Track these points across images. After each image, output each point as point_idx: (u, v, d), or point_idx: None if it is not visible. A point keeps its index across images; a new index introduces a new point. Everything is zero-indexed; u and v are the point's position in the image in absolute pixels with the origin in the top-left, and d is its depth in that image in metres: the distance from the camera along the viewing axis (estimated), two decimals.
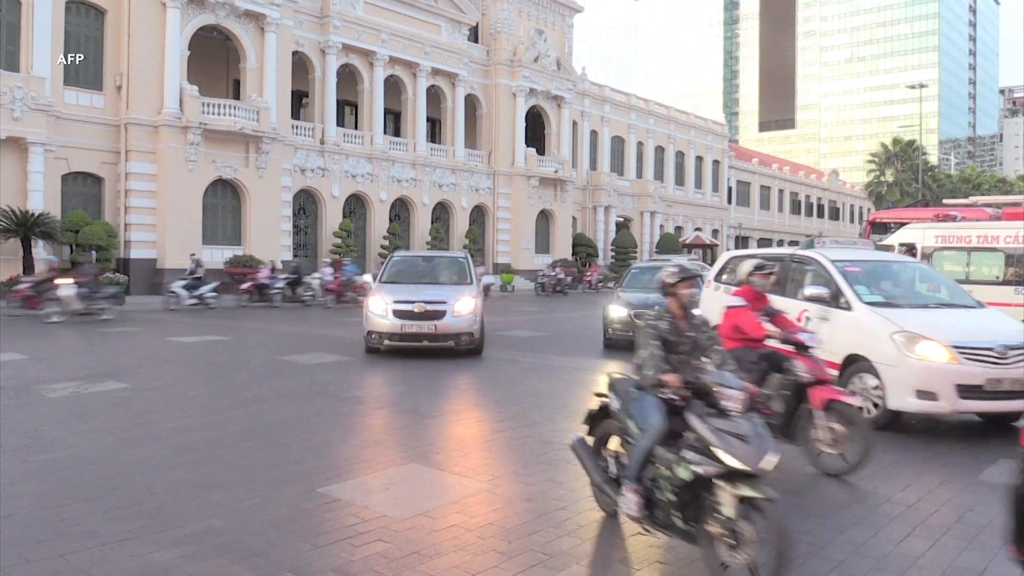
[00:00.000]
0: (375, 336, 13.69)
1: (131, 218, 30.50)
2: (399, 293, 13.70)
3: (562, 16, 50.36)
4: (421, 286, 14.32)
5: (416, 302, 13.37)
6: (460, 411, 9.10)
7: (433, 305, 13.40)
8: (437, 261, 16.33)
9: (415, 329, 13.35)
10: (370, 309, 13.69)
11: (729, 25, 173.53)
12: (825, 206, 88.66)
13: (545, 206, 48.41)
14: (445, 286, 14.56)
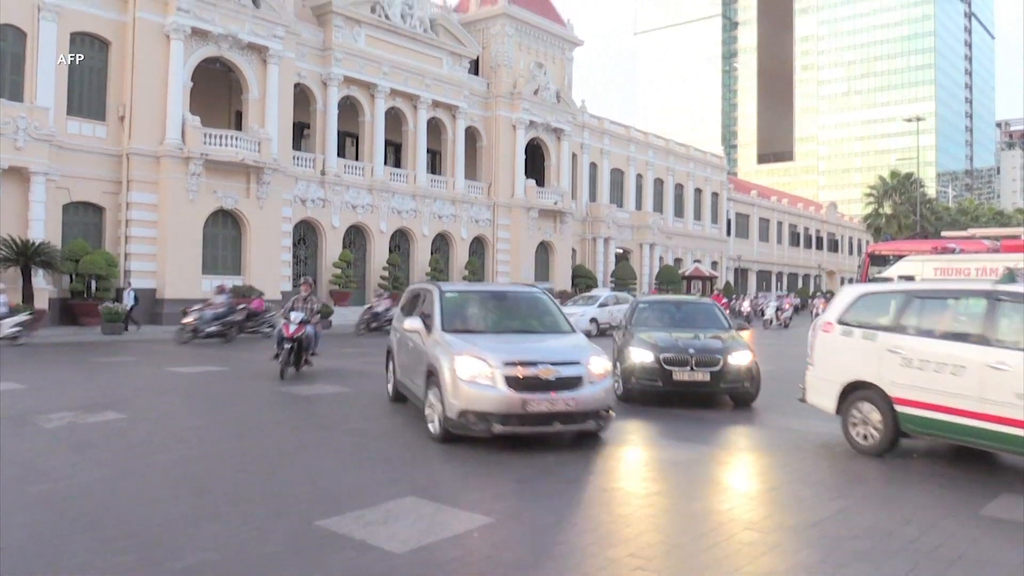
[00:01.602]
0: (473, 417, 8.56)
1: (131, 248, 30.56)
2: (497, 347, 9.02)
3: (562, 50, 50.84)
4: (511, 336, 9.83)
5: (541, 363, 8.72)
6: (458, 441, 9.04)
7: (564, 367, 8.81)
8: (513, 299, 11.39)
9: (546, 406, 8.55)
10: (458, 375, 8.69)
11: (727, 59, 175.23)
12: (824, 238, 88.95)
13: (545, 237, 48.53)
14: (544, 336, 10.13)
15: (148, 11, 30.72)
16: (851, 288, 9.93)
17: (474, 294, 11.51)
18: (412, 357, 10.55)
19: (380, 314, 29.06)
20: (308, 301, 15.25)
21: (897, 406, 8.47)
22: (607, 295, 35.56)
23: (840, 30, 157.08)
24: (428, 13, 42.54)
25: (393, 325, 12.66)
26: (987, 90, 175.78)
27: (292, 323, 14.73)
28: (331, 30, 37.94)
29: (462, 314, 10.31)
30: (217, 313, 23.92)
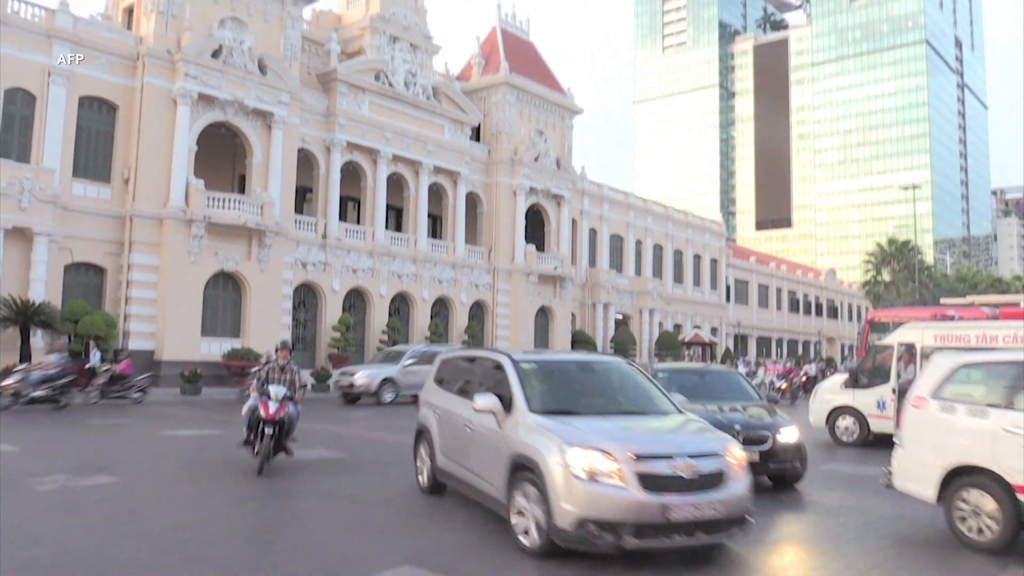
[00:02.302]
0: (596, 528, 6.67)
1: (131, 309, 30.57)
2: (613, 434, 7.21)
3: (562, 118, 51.66)
4: (617, 419, 7.89)
5: (677, 456, 6.95)
6: (454, 509, 8.89)
7: (704, 460, 7.03)
8: (602, 371, 9.29)
9: (690, 512, 6.76)
10: (573, 472, 6.75)
11: (725, 127, 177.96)
12: (824, 305, 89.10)
13: (544, 303, 48.60)
14: (654, 418, 8.23)
15: (157, 77, 31.32)
16: (946, 358, 8.78)
17: (555, 365, 9.29)
18: (475, 443, 8.45)
19: None
20: (287, 371, 11.87)
21: (1020, 495, 7.41)
22: (416, 349, 28.72)
23: (835, 100, 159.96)
24: (431, 81, 43.36)
25: (424, 399, 10.47)
26: (982, 159, 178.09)
27: (272, 400, 11.36)
28: (335, 97, 38.62)
29: (548, 391, 8.32)
30: (47, 375, 20.42)
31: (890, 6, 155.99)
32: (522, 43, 51.55)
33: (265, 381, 11.69)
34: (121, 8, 33.99)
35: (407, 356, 27.34)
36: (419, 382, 23.49)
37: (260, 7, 34.79)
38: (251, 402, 11.67)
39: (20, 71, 28.51)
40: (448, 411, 9.39)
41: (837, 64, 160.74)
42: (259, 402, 11.39)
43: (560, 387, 8.60)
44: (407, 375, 26.53)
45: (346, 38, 41.35)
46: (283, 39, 35.62)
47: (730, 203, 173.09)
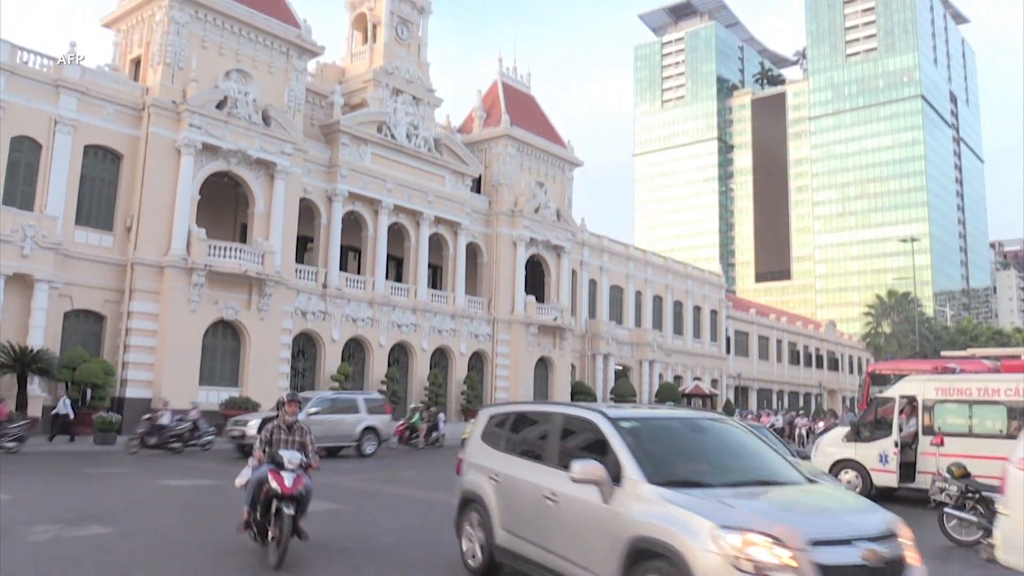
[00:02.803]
0: None
1: (130, 356, 30.48)
2: (771, 512, 5.91)
3: (562, 170, 52.13)
4: (757, 490, 6.45)
5: (856, 540, 5.67)
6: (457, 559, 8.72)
7: (882, 544, 5.74)
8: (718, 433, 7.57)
9: None
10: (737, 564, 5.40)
11: (724, 180, 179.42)
12: (824, 357, 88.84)
13: (544, 354, 48.48)
14: (796, 489, 6.68)
15: (161, 127, 31.70)
16: None
17: (660, 423, 7.52)
18: (562, 519, 6.95)
19: (166, 428, 23.91)
20: (295, 431, 9.29)
21: None
22: (323, 396, 26.02)
23: (832, 153, 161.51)
24: (433, 133, 43.87)
25: (470, 460, 8.85)
26: (979, 211, 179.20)
27: (287, 470, 8.81)
28: (338, 148, 39.03)
29: (662, 456, 6.78)
30: None
31: (885, 62, 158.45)
32: (523, 96, 52.27)
33: (270, 444, 9.13)
34: (128, 59, 34.53)
35: (312, 403, 24.20)
36: (326, 433, 22.72)
37: (265, 60, 35.36)
38: (256, 474, 9.06)
39: (27, 120, 28.89)
40: (512, 477, 7.86)
41: (834, 118, 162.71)
42: (269, 473, 8.81)
43: (674, 451, 7.04)
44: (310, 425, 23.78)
45: (350, 90, 41.95)
46: (287, 91, 36.13)
47: (729, 255, 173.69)
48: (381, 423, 26.19)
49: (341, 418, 24.99)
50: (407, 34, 43.86)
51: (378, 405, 26.81)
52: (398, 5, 43.36)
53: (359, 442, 25.12)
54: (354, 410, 25.54)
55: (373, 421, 25.77)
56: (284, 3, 37.20)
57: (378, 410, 26.50)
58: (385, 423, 26.54)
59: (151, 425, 23.87)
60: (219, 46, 33.89)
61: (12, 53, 28.90)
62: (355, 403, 25.93)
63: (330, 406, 25.06)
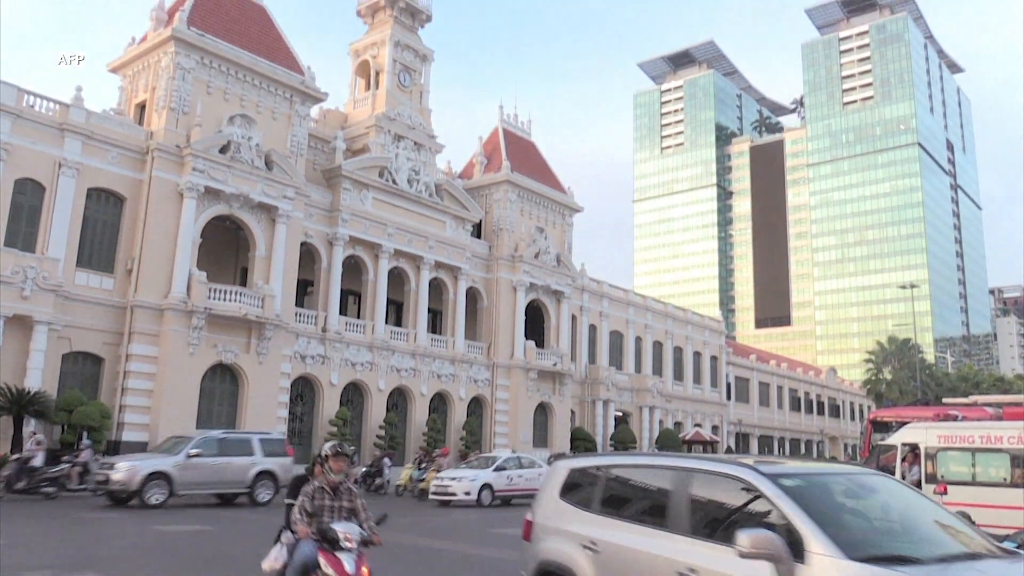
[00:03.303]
0: None
1: (127, 399, 30.32)
2: None
3: (562, 215, 52.40)
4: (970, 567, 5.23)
5: None
6: None
7: None
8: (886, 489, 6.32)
9: None
10: None
11: (723, 226, 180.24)
12: (825, 403, 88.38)
13: (544, 399, 48.23)
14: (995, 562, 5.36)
15: (165, 170, 31.93)
16: None
17: (827, 482, 6.13)
18: None
19: (38, 470, 22.43)
20: (342, 494, 7.18)
21: None
22: (210, 436, 23.63)
23: (831, 200, 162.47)
24: (434, 178, 44.18)
25: (553, 526, 7.21)
26: (978, 258, 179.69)
27: (346, 550, 6.79)
28: (339, 192, 39.27)
29: (852, 524, 5.63)
30: None
31: (882, 110, 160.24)
32: (523, 142, 52.76)
33: (313, 514, 7.08)
34: (134, 104, 34.92)
35: (193, 443, 21.89)
36: (205, 479, 21.12)
37: (269, 105, 35.76)
38: (298, 555, 6.96)
39: (31, 162, 29.13)
40: (620, 547, 6.46)
41: (832, 165, 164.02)
42: (320, 555, 6.79)
43: (858, 516, 5.82)
44: (188, 470, 21.08)
45: (352, 136, 42.37)
46: (290, 136, 36.48)
47: (729, 301, 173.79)
48: (280, 467, 23.28)
49: (230, 461, 22.20)
50: (409, 81, 44.42)
51: (277, 446, 24.10)
52: (401, 53, 43.98)
53: (252, 489, 22.56)
54: (247, 452, 22.73)
55: (270, 465, 23.03)
56: (288, 50, 37.72)
57: (277, 452, 23.80)
58: (285, 467, 23.45)
59: (19, 467, 21.78)
60: (224, 91, 34.30)
61: (18, 97, 29.24)
62: (248, 443, 23.15)
63: (217, 447, 22.31)
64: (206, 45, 33.30)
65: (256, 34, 36.50)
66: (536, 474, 27.63)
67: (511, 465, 27.71)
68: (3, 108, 28.47)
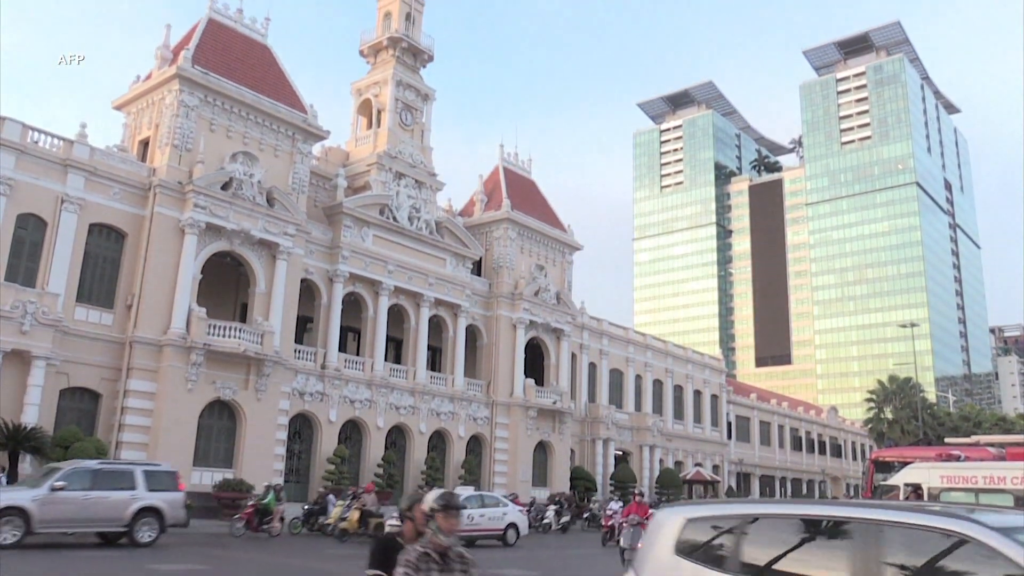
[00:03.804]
0: None
1: (124, 436, 30.11)
2: None
3: (562, 253, 52.53)
4: None
5: None
6: None
7: None
8: None
9: None
10: None
11: (723, 264, 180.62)
12: (827, 443, 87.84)
13: (543, 438, 47.91)
14: None
15: (166, 207, 32.07)
16: None
17: None
18: None
19: None
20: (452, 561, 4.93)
21: None
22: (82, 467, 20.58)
23: (830, 239, 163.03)
24: (434, 216, 44.36)
25: None
26: (978, 297, 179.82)
27: None
28: (340, 230, 39.40)
29: None
30: None
31: (879, 150, 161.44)
32: (524, 181, 53.06)
33: None
34: (137, 140, 35.19)
35: (60, 475, 19.13)
36: (72, 516, 18.37)
37: (271, 143, 36.03)
38: None
39: (34, 197, 29.28)
40: None
41: (831, 204, 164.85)
42: None
43: None
44: (51, 505, 18.41)
45: (353, 173, 42.62)
46: (292, 173, 36.70)
47: (729, 339, 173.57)
48: (167, 503, 20.39)
49: (104, 496, 19.32)
50: (411, 120, 44.81)
51: (165, 480, 21.01)
52: (403, 92, 44.42)
53: (131, 527, 19.63)
54: (127, 485, 19.87)
55: (154, 500, 20.13)
56: (291, 88, 38.09)
57: (165, 486, 20.74)
58: (174, 503, 20.67)
59: None
60: (227, 129, 34.57)
61: (23, 133, 29.46)
62: (130, 475, 20.26)
63: (90, 480, 19.44)
64: (210, 83, 33.64)
65: (260, 72, 36.89)
66: (501, 513, 26.98)
67: (472, 504, 25.91)
68: (8, 144, 28.68)
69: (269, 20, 39.21)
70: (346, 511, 25.64)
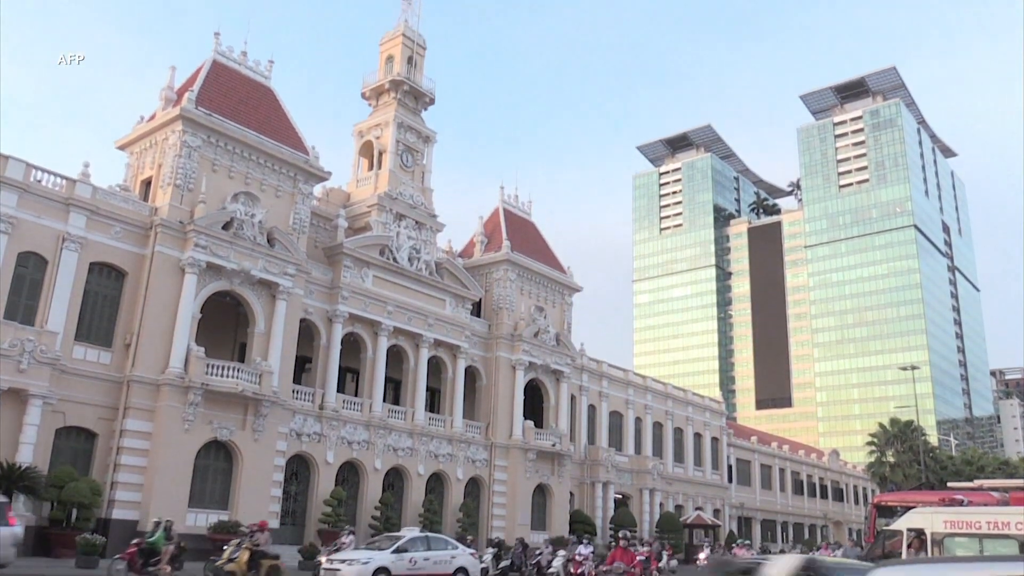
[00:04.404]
0: None
1: (119, 476, 29.82)
2: None
3: (562, 295, 52.55)
4: None
5: None
6: None
7: None
8: None
9: None
10: None
11: (723, 306, 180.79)
12: (828, 486, 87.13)
13: (542, 480, 47.48)
14: None
15: (167, 246, 32.15)
16: None
17: None
18: None
19: None
20: None
21: None
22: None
23: (829, 281, 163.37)
24: (434, 257, 44.46)
25: None
26: (978, 340, 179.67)
27: None
28: (340, 270, 39.46)
29: None
30: None
31: (877, 193, 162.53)
32: (524, 222, 53.28)
33: None
34: (140, 180, 35.40)
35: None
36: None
37: (273, 183, 36.25)
38: None
39: (35, 236, 29.35)
40: None
41: (829, 247, 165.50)
42: None
43: None
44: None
45: (354, 214, 42.81)
46: (293, 213, 36.86)
47: (730, 381, 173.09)
48: None
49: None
50: (412, 161, 45.14)
51: None
52: (404, 134, 44.81)
53: None
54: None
55: None
56: (294, 129, 38.43)
57: None
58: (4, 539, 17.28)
59: None
60: (229, 169, 34.81)
61: (26, 172, 29.61)
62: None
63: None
64: (213, 124, 33.94)
65: (263, 114, 37.24)
66: (448, 556, 25.26)
67: (417, 546, 24.58)
68: (11, 182, 28.82)
69: (273, 62, 39.70)
70: (236, 551, 22.41)
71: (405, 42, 46.51)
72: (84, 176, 31.22)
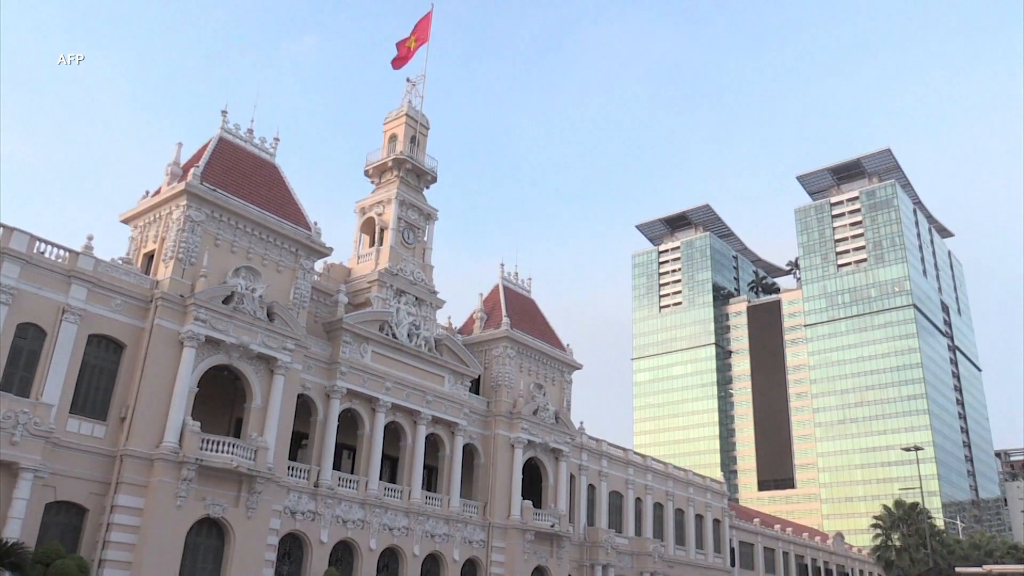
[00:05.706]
0: None
1: (108, 553, 29.11)
2: None
3: (562, 372, 52.23)
4: None
5: None
6: None
7: None
8: None
9: None
10: None
11: (723, 385, 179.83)
12: (833, 570, 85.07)
13: (541, 562, 46.31)
14: None
15: (167, 319, 32.12)
16: None
17: None
18: None
19: None
20: None
21: None
22: None
23: (829, 360, 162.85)
24: (434, 333, 44.36)
25: None
26: (981, 420, 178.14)
27: None
28: (339, 345, 39.31)
29: None
30: None
31: (875, 273, 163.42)
32: (523, 300, 53.34)
33: None
34: (142, 253, 35.59)
35: None
36: None
37: (274, 258, 36.43)
38: None
39: (35, 307, 29.34)
40: None
41: (829, 326, 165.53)
42: None
43: None
44: None
45: (354, 290, 42.91)
46: (293, 289, 36.95)
47: (731, 461, 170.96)
48: None
49: None
50: (413, 238, 45.47)
51: None
52: (406, 212, 45.25)
53: None
54: None
55: None
56: (297, 205, 38.81)
57: None
58: None
59: None
60: (231, 244, 35.03)
61: (30, 243, 29.76)
62: None
63: None
64: (217, 199, 34.30)
65: (266, 190, 37.67)
66: None
67: None
68: (14, 254, 28.95)
69: (278, 140, 40.35)
70: None
71: (408, 122, 47.38)
72: (87, 248, 31.39)
